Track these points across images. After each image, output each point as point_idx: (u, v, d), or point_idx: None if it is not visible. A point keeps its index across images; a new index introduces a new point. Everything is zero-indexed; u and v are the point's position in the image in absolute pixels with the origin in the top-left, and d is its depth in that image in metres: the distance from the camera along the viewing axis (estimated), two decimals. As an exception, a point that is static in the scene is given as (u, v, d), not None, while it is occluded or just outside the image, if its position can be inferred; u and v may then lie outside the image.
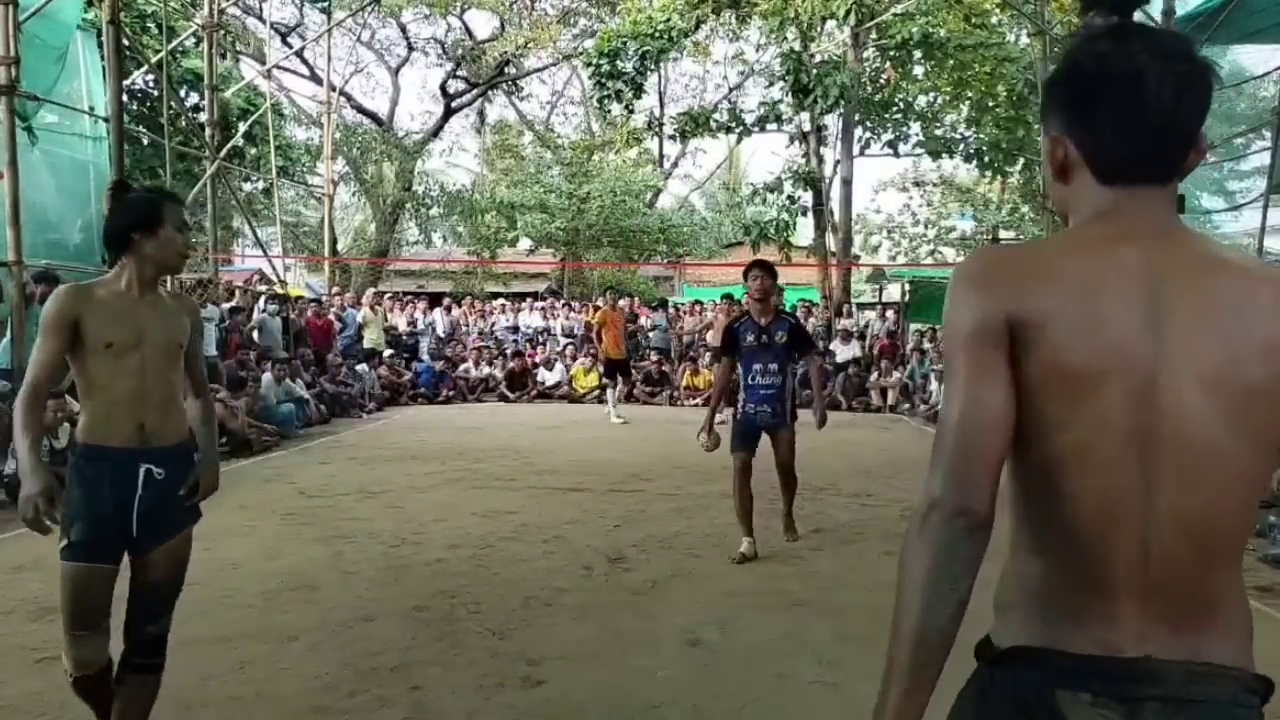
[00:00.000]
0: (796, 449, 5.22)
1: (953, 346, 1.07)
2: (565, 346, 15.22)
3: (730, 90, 25.17)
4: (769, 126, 17.62)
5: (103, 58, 9.05)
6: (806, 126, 17.25)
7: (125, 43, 9.51)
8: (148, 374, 2.44)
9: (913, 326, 16.15)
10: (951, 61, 16.41)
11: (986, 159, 17.20)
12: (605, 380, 12.60)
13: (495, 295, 20.68)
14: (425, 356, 14.80)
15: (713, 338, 13.16)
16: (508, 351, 15.02)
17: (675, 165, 28.96)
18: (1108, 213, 1.09)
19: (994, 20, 17.37)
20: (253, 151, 16.46)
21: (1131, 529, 1.01)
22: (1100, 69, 1.06)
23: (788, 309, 12.53)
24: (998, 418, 1.03)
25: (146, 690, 2.55)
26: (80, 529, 2.40)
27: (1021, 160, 17.18)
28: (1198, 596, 1.03)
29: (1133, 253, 1.04)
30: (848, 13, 15.30)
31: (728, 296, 14.11)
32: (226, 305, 11.88)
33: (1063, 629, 1.04)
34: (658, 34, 15.81)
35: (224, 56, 15.86)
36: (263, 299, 12.67)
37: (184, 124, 12.73)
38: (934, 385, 12.99)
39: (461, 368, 14.67)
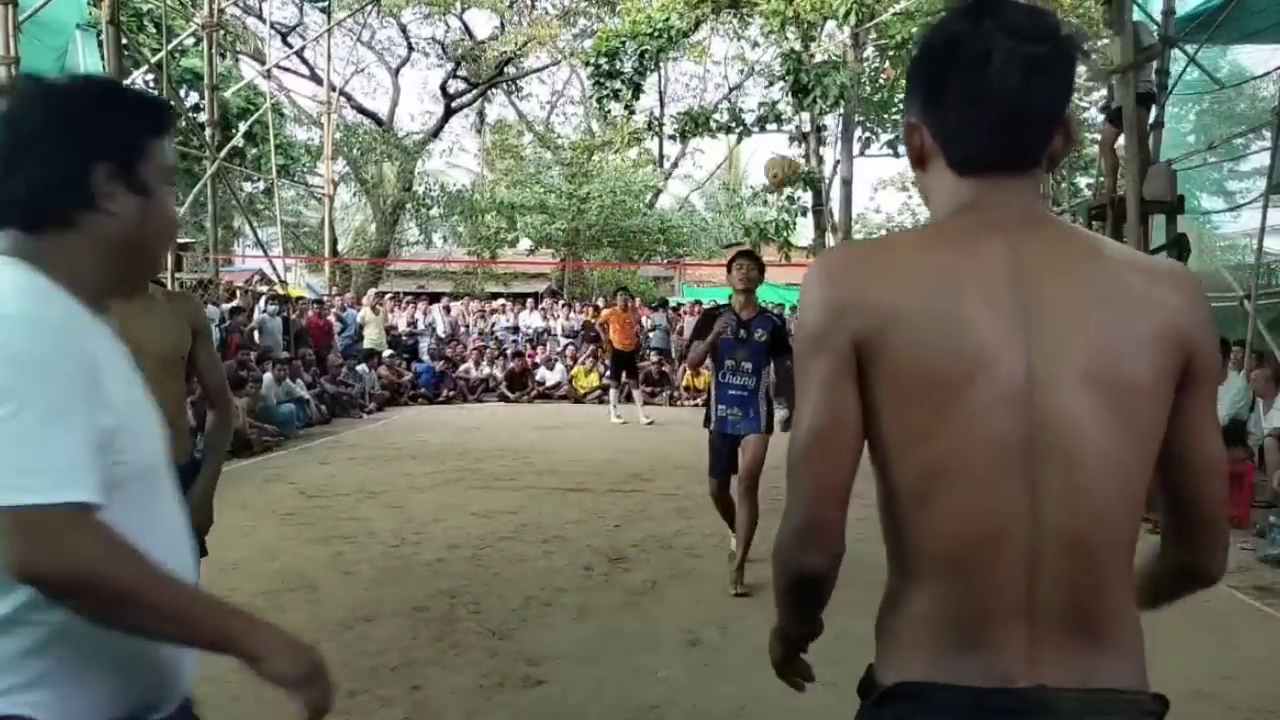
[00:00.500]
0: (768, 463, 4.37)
1: (801, 352, 1.00)
2: (565, 346, 15.23)
3: (730, 90, 25.17)
4: (769, 126, 17.62)
5: (102, 58, 9.04)
6: (806, 127, 17.25)
7: (124, 42, 9.50)
8: (147, 389, 2.10)
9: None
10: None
11: (987, 159, 17.19)
12: (608, 380, 12.56)
13: (495, 295, 20.67)
14: (425, 356, 14.81)
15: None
16: (508, 352, 15.02)
17: (675, 165, 28.93)
18: (968, 205, 1.00)
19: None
20: (253, 151, 16.47)
21: (1014, 546, 0.93)
22: (950, 50, 0.98)
23: (787, 311, 12.61)
24: (844, 433, 0.97)
25: None
26: None
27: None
28: (1090, 615, 0.94)
29: (994, 246, 0.96)
30: (848, 13, 15.30)
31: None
32: (227, 305, 11.88)
33: (948, 661, 0.95)
34: (657, 34, 15.81)
35: (224, 56, 15.86)
36: (263, 299, 12.67)
37: (184, 124, 12.72)
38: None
39: (461, 368, 14.67)
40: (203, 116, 12.47)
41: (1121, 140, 7.53)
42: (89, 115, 1.09)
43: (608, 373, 12.72)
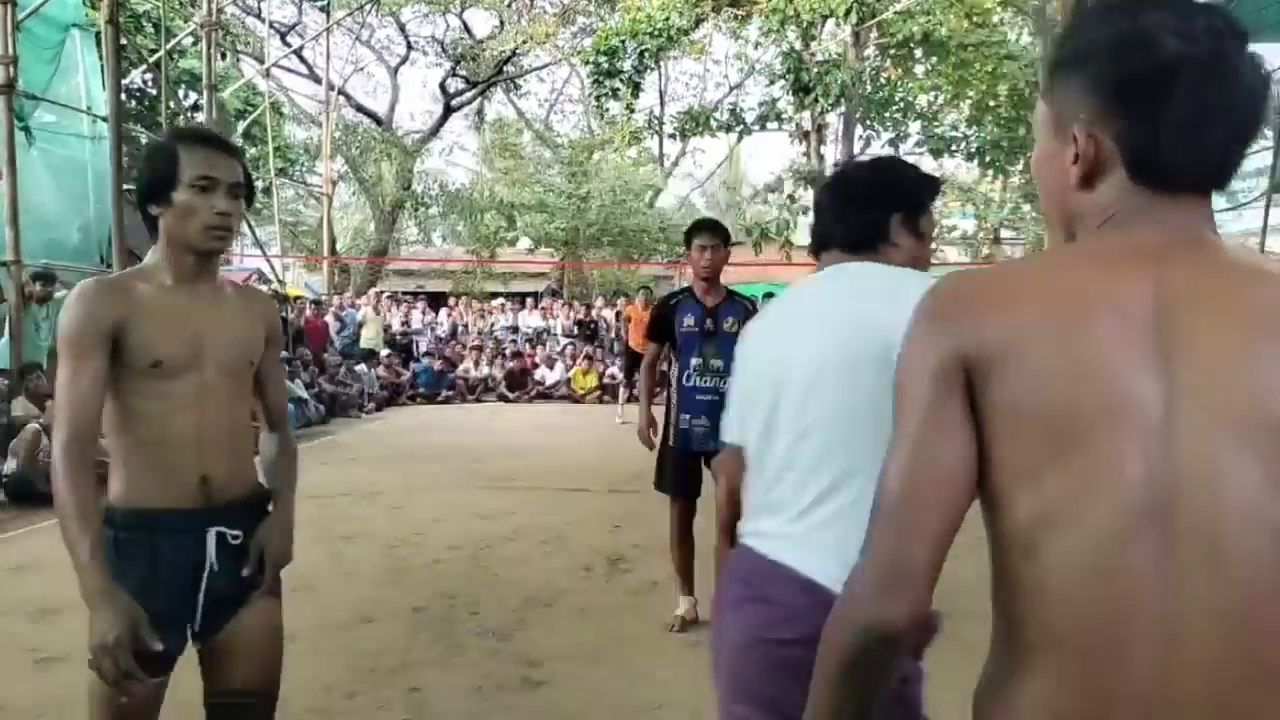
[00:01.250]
0: None
1: (906, 380, 0.88)
2: (565, 346, 15.23)
3: (731, 89, 25.16)
4: (769, 125, 17.62)
5: (101, 57, 9.03)
6: (807, 125, 17.23)
7: (123, 43, 9.49)
8: (208, 404, 1.73)
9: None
10: (953, 60, 16.40)
11: (988, 158, 17.20)
12: (612, 380, 12.55)
13: (495, 295, 20.67)
14: (421, 357, 14.81)
15: None
16: (507, 352, 15.01)
17: (675, 164, 28.94)
18: (1123, 221, 0.87)
19: (995, 19, 17.36)
20: (251, 151, 16.45)
21: (1145, 619, 0.76)
22: (1160, 47, 0.84)
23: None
24: (949, 477, 0.84)
25: None
26: None
27: (1023, 159, 17.16)
28: (1238, 715, 0.76)
29: (1141, 267, 0.83)
30: (848, 11, 15.28)
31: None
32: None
33: None
34: (656, 32, 15.80)
35: (223, 56, 15.85)
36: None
37: (182, 123, 12.72)
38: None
39: (461, 368, 14.66)
40: (201, 116, 12.45)
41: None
42: (888, 183, 1.63)
43: (610, 369, 12.70)
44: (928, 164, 23.56)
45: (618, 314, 15.40)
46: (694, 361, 3.79)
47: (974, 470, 0.84)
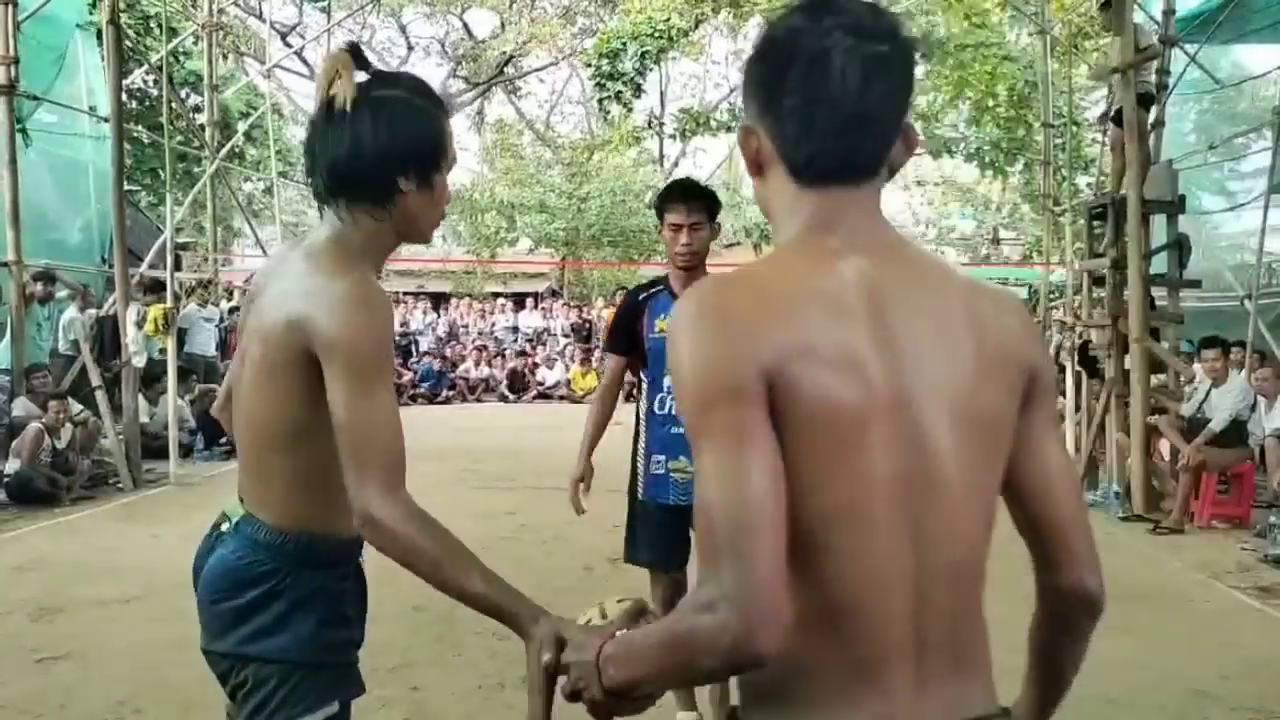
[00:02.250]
0: None
1: (696, 410, 0.86)
2: (565, 346, 15.23)
3: (731, 90, 25.15)
4: (769, 126, 17.63)
5: (102, 58, 9.04)
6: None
7: (126, 43, 9.50)
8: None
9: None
10: (951, 60, 16.41)
11: (987, 158, 17.20)
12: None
13: (495, 295, 20.68)
14: (422, 357, 14.82)
15: None
16: (506, 351, 15.02)
17: (675, 165, 28.93)
18: (820, 223, 0.94)
19: (994, 20, 17.37)
20: (252, 152, 16.47)
21: (902, 590, 0.89)
22: (788, 48, 0.91)
23: None
24: (777, 496, 0.84)
25: None
26: (346, 681, 1.50)
27: (1022, 160, 17.18)
28: (962, 645, 0.94)
29: (860, 272, 0.91)
30: (848, 12, 15.29)
31: None
32: (226, 305, 11.88)
33: (835, 712, 0.90)
34: (657, 34, 15.81)
35: (225, 58, 15.86)
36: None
37: (184, 124, 12.73)
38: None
39: (461, 368, 14.67)
40: (203, 117, 12.46)
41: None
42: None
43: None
44: (927, 164, 23.61)
45: (581, 311, 15.20)
46: (668, 381, 2.72)
47: (782, 479, 0.85)
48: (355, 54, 1.38)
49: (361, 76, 1.36)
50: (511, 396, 14.11)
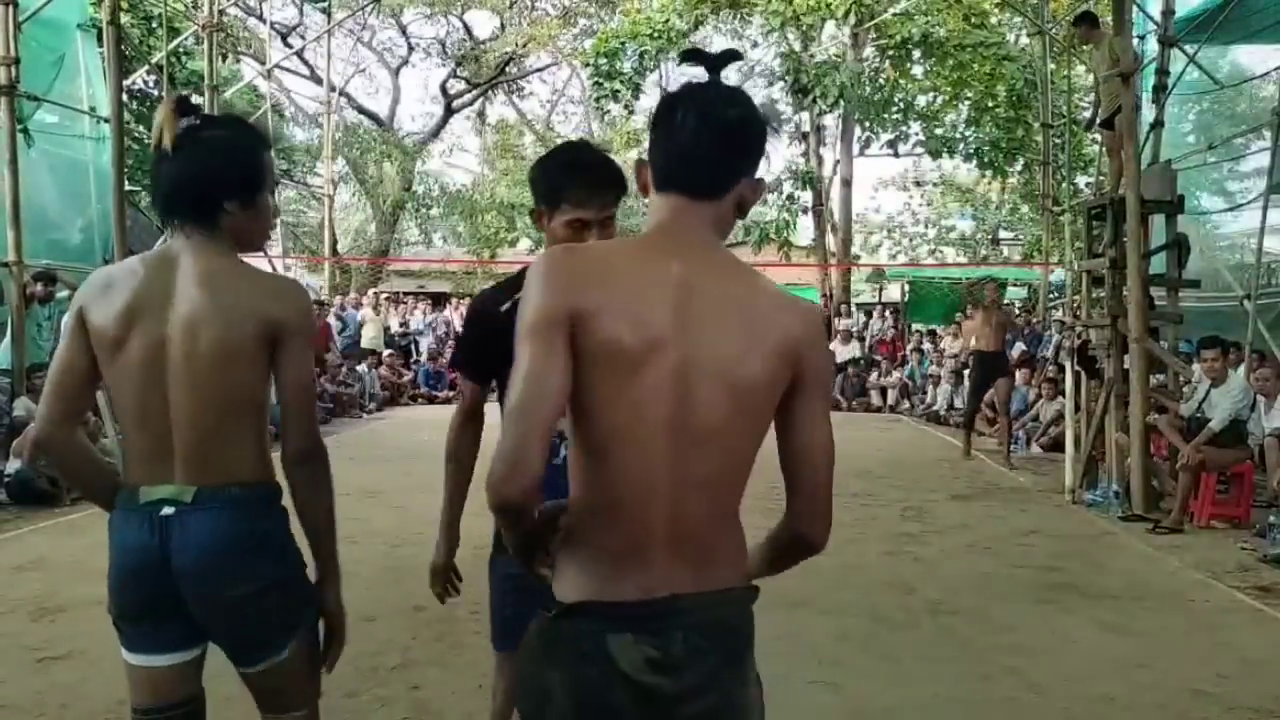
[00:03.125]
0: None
1: (522, 333, 1.21)
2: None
3: (730, 90, 25.13)
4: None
5: (102, 59, 9.05)
6: (806, 126, 17.25)
7: (126, 43, 9.50)
8: None
9: (913, 326, 16.16)
10: (951, 61, 16.42)
11: (986, 158, 17.22)
12: None
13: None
14: (422, 357, 14.81)
15: None
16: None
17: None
18: (663, 226, 1.31)
19: (993, 20, 17.38)
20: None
21: (663, 495, 1.23)
22: (666, 109, 1.32)
23: None
24: (555, 393, 1.19)
25: None
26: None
27: (1021, 160, 17.19)
28: (708, 541, 1.27)
29: (674, 261, 1.25)
30: (847, 12, 15.31)
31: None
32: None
33: (610, 582, 1.24)
34: (656, 34, 15.81)
35: (225, 58, 15.86)
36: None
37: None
38: (935, 385, 12.97)
39: (461, 368, 14.66)
40: (202, 117, 12.47)
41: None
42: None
43: None
44: (926, 164, 23.63)
45: None
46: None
47: (569, 387, 1.20)
48: (181, 104, 1.68)
49: (186, 122, 1.65)
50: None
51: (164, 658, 1.68)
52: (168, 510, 1.61)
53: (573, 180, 1.96)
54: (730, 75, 1.39)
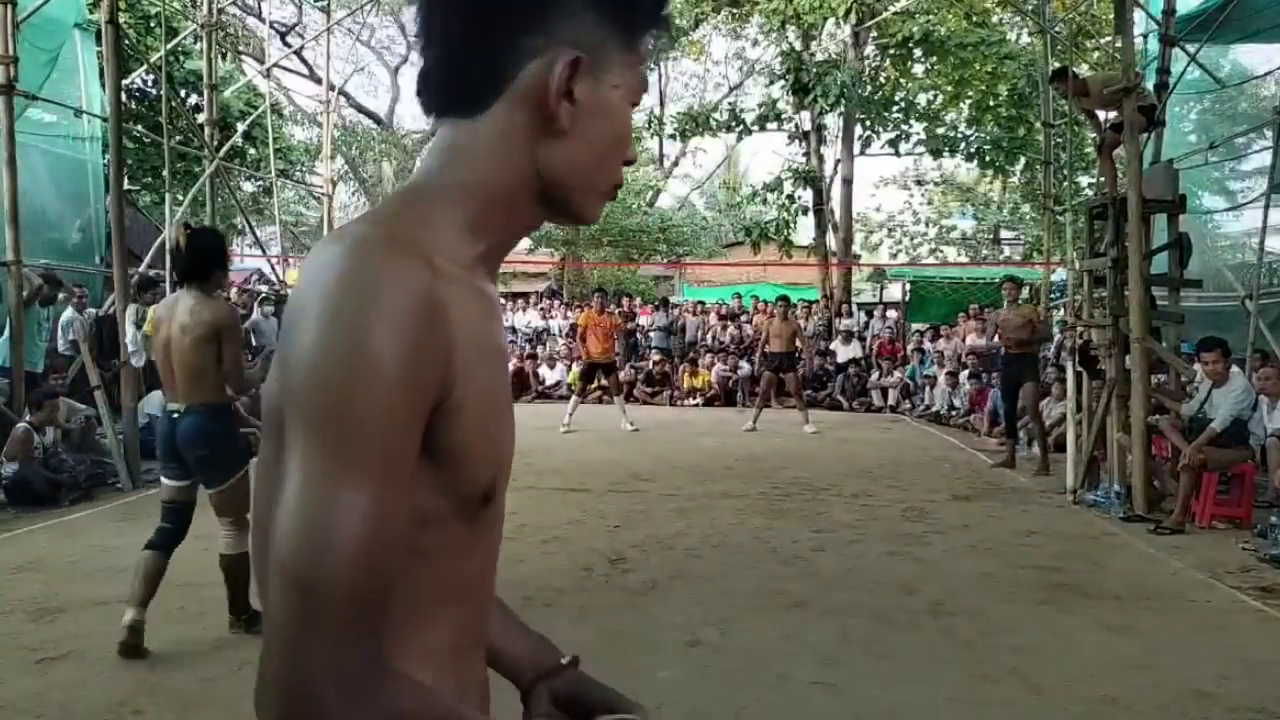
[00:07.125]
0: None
1: (347, 418, 0.67)
2: (565, 346, 15.23)
3: (731, 90, 25.17)
4: (769, 125, 17.62)
5: (100, 58, 9.03)
6: (807, 125, 17.24)
7: (125, 42, 9.49)
8: None
9: (913, 326, 16.15)
10: (952, 60, 16.40)
11: (988, 158, 17.20)
12: (580, 382, 11.22)
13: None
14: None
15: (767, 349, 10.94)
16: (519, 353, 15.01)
17: (675, 165, 28.95)
18: None
19: (995, 19, 17.37)
20: (251, 152, 16.46)
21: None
22: None
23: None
24: (402, 533, 0.71)
25: None
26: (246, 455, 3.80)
27: (1022, 159, 17.18)
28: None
29: None
30: (848, 11, 15.30)
31: (784, 299, 11.56)
32: (226, 305, 11.87)
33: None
34: (657, 33, 15.77)
35: (224, 57, 15.84)
36: (257, 302, 12.67)
37: (183, 124, 12.72)
38: (936, 386, 12.97)
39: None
40: (202, 117, 12.45)
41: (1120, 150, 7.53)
42: None
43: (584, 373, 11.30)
44: (927, 163, 23.62)
45: (573, 326, 14.10)
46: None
47: None
48: (187, 226, 3.74)
49: (186, 231, 3.70)
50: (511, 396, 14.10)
51: (174, 481, 3.67)
52: (176, 414, 3.59)
53: None
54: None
